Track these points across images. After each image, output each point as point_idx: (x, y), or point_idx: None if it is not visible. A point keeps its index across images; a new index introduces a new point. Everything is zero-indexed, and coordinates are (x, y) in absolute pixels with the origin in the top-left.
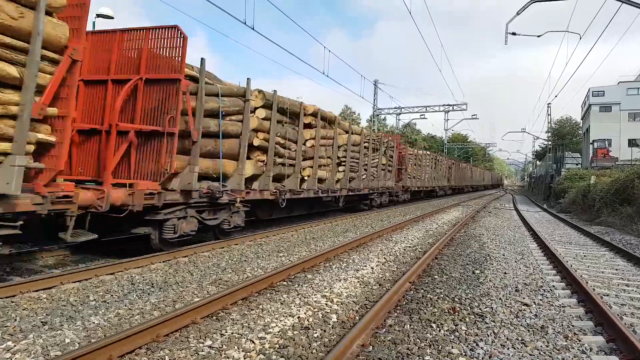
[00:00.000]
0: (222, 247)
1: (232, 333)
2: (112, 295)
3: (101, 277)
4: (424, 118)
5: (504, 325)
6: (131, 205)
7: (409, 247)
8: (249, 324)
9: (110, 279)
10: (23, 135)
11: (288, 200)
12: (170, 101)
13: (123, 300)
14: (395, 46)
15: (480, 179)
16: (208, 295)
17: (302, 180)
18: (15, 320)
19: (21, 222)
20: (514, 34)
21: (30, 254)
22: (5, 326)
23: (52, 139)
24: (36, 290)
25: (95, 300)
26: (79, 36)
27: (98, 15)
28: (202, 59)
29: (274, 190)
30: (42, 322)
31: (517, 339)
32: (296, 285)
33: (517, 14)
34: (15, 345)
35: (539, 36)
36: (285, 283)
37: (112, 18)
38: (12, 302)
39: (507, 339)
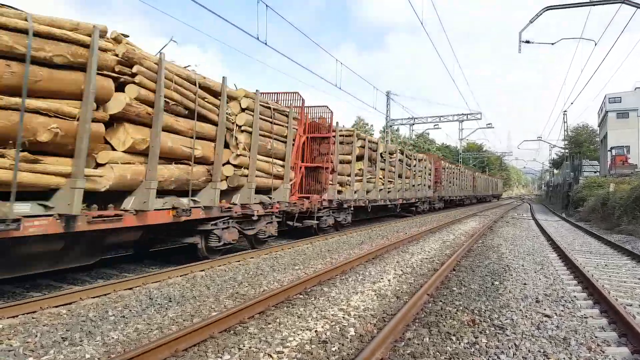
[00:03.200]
0: (238, 261)
1: (249, 347)
2: (130, 311)
3: (120, 292)
4: (437, 128)
5: (525, 337)
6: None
7: (426, 258)
8: (266, 338)
9: (129, 294)
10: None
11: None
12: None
13: (141, 315)
14: (407, 58)
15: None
16: (225, 310)
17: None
18: (36, 336)
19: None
20: (527, 42)
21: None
22: (27, 342)
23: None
24: (56, 306)
25: (114, 315)
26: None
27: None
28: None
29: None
30: (62, 337)
31: (539, 351)
32: (313, 299)
33: (530, 22)
34: None
35: (553, 44)
36: (301, 296)
37: (128, 36)
38: (32, 318)
39: (529, 351)
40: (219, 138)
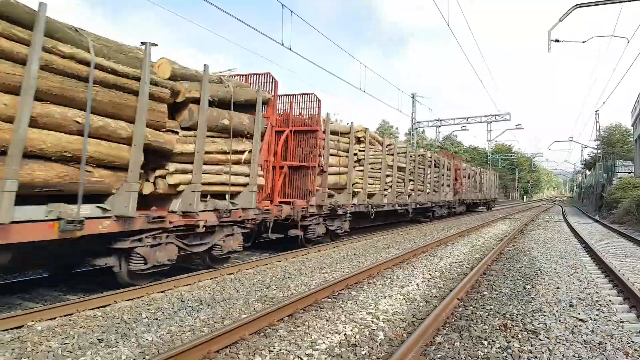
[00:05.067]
0: (266, 264)
1: (280, 349)
2: (163, 313)
3: (152, 295)
4: (465, 130)
5: (559, 342)
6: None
7: (455, 262)
8: (296, 341)
9: (161, 296)
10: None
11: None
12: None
13: (174, 317)
14: (431, 59)
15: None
16: (255, 312)
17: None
18: (74, 337)
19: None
20: (557, 40)
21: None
22: (65, 343)
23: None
24: (92, 309)
25: (147, 317)
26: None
27: (142, 44)
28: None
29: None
30: (98, 339)
31: (574, 356)
32: (341, 302)
33: (560, 20)
34: None
35: (583, 42)
36: (329, 300)
37: (156, 45)
38: (70, 320)
39: (564, 356)
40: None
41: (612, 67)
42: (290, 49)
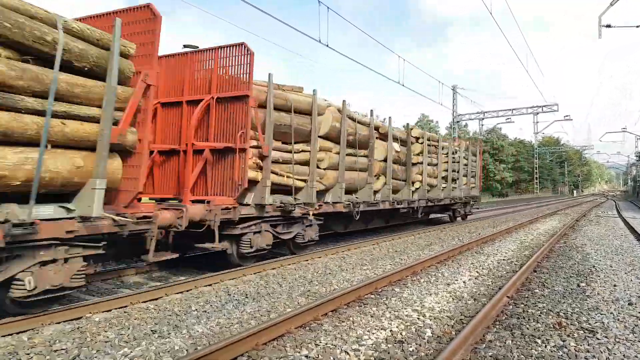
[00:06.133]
0: (307, 260)
1: (326, 344)
2: (211, 306)
3: (200, 288)
4: (510, 122)
5: (618, 342)
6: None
7: (503, 259)
8: (341, 336)
9: (209, 290)
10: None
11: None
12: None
13: (221, 310)
14: (472, 50)
15: None
16: (299, 306)
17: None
18: (129, 329)
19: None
20: (608, 26)
21: (116, 271)
22: (121, 334)
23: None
24: (144, 302)
25: (196, 310)
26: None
27: (185, 46)
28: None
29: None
30: (151, 330)
31: (636, 357)
32: (384, 299)
33: (611, 4)
34: (131, 352)
35: (638, 26)
36: (372, 296)
37: (197, 47)
38: (124, 312)
39: (624, 356)
40: None
41: None
42: (327, 45)
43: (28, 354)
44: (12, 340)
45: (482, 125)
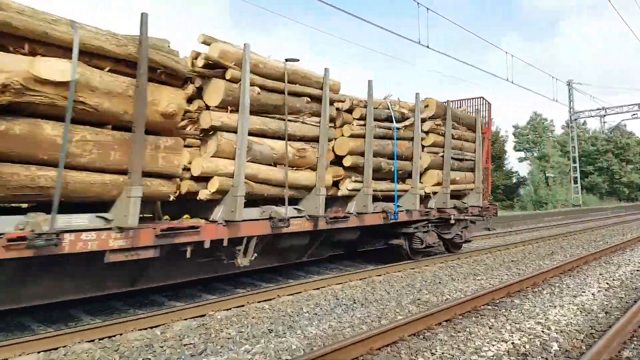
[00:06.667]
0: (413, 268)
1: (442, 353)
2: (321, 309)
3: (309, 291)
4: (636, 118)
5: None
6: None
7: (637, 270)
8: (458, 346)
9: (318, 293)
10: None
11: None
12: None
13: (331, 313)
14: (589, 42)
15: None
16: (410, 314)
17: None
18: (247, 327)
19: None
20: None
21: None
22: (241, 332)
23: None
24: (260, 302)
25: (308, 312)
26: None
27: (287, 60)
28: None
29: None
30: (268, 329)
31: None
32: (503, 310)
33: None
34: (252, 349)
35: None
36: (489, 307)
37: (298, 60)
38: (242, 311)
39: None
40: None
41: None
42: (428, 47)
43: (162, 347)
44: (147, 334)
45: (604, 122)
